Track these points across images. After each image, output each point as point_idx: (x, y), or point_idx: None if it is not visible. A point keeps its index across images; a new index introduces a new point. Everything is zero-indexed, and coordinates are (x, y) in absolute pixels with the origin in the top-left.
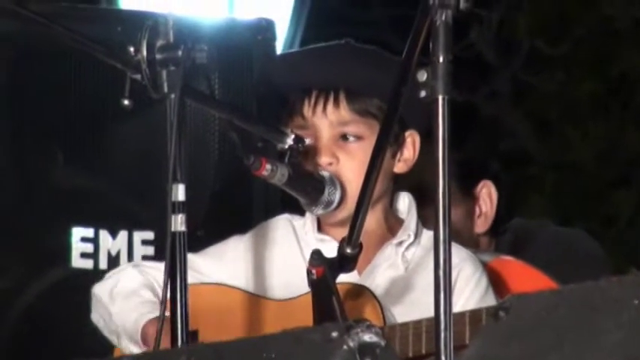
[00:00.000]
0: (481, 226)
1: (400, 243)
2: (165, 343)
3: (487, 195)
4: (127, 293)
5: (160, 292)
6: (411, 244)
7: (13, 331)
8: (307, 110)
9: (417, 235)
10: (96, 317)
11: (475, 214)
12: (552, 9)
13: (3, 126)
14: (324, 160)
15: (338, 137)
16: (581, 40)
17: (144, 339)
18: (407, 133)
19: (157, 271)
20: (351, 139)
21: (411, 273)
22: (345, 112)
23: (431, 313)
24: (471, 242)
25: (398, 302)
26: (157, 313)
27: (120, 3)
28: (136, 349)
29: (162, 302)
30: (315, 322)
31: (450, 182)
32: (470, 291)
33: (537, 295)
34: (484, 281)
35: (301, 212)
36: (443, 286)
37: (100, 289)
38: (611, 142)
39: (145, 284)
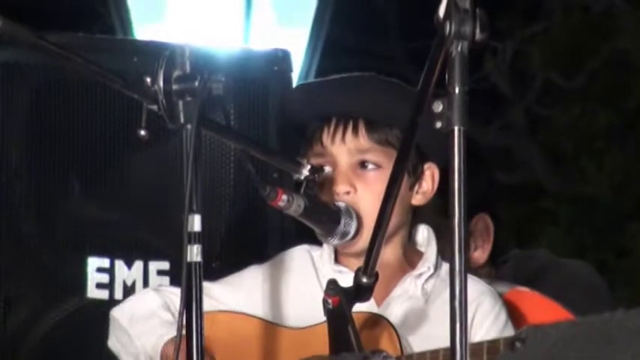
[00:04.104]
0: (479, 258)
1: (420, 275)
2: None
3: (484, 228)
4: (146, 315)
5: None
6: (430, 276)
7: None
8: (326, 138)
9: (436, 267)
10: (113, 342)
11: (470, 249)
12: (567, 42)
13: (20, 156)
14: (341, 188)
15: (356, 165)
16: (596, 73)
17: None
18: (426, 166)
19: (176, 296)
20: (370, 166)
21: (429, 305)
22: (364, 140)
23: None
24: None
25: (415, 333)
26: (173, 334)
27: (135, 33)
28: None
29: (179, 329)
30: (331, 352)
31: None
32: (488, 325)
33: (554, 327)
34: (503, 315)
35: (319, 243)
36: (459, 316)
37: (118, 312)
38: (627, 174)
39: (163, 305)
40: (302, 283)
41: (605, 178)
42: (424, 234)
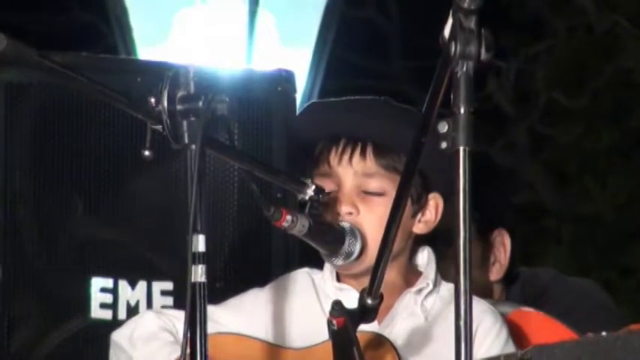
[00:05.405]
0: (496, 273)
1: (419, 291)
2: None
3: (501, 243)
4: (147, 337)
5: (178, 337)
6: (429, 293)
7: None
8: (333, 158)
9: (435, 284)
10: None
11: (490, 262)
12: (570, 61)
13: (24, 176)
14: (344, 209)
15: (361, 188)
16: (599, 93)
17: None
18: (430, 196)
19: (177, 319)
20: (374, 191)
21: (430, 324)
22: (370, 164)
23: None
24: (484, 289)
25: (417, 353)
26: (178, 354)
27: (138, 53)
28: None
29: (183, 349)
30: None
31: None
32: (489, 343)
33: (559, 346)
34: (504, 333)
35: (320, 267)
36: (464, 336)
37: (118, 336)
38: (630, 193)
39: (164, 327)
40: (304, 305)
41: (608, 198)
42: (424, 255)
